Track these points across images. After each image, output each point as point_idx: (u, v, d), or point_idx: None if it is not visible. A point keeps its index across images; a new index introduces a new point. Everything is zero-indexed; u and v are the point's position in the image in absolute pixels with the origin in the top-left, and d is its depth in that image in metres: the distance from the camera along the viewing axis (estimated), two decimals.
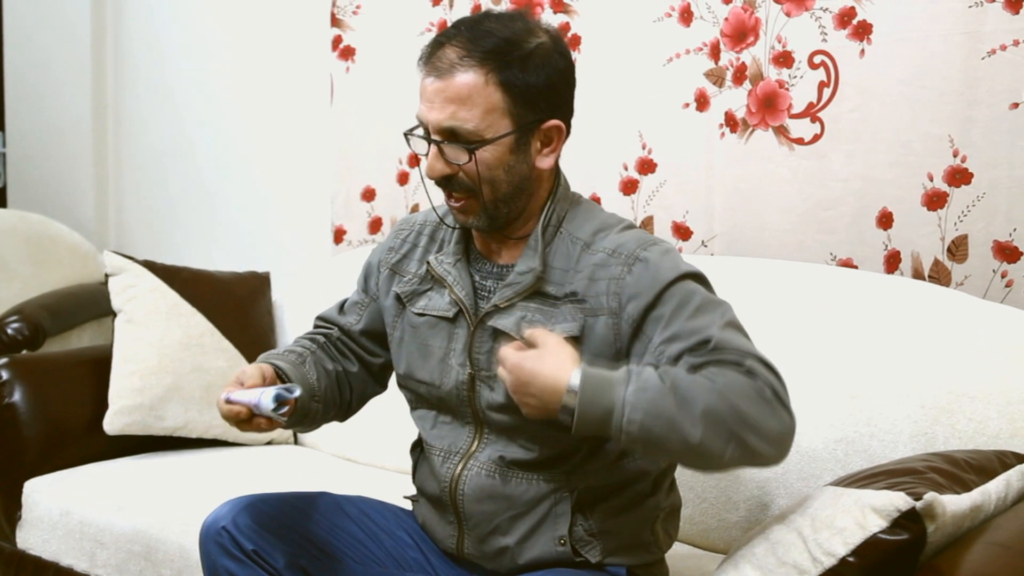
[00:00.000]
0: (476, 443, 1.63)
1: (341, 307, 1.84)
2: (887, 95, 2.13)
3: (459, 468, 1.62)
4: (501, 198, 1.56)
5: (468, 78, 1.50)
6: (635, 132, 2.50)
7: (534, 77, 1.52)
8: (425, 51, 1.56)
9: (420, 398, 1.71)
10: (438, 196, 1.64)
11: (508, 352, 1.46)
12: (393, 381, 1.81)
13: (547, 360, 1.43)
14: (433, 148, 1.55)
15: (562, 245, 1.59)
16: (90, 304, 3.22)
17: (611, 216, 1.64)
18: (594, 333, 1.53)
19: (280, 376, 1.68)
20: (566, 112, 1.60)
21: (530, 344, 1.46)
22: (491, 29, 1.53)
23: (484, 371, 1.60)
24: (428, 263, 1.68)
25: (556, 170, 1.63)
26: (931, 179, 2.10)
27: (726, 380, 1.40)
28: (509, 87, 1.51)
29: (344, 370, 1.79)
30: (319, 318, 1.87)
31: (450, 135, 1.53)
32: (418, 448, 1.77)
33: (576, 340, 1.53)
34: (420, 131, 1.58)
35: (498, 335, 1.58)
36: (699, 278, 1.54)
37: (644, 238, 1.57)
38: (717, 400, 1.37)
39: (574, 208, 1.63)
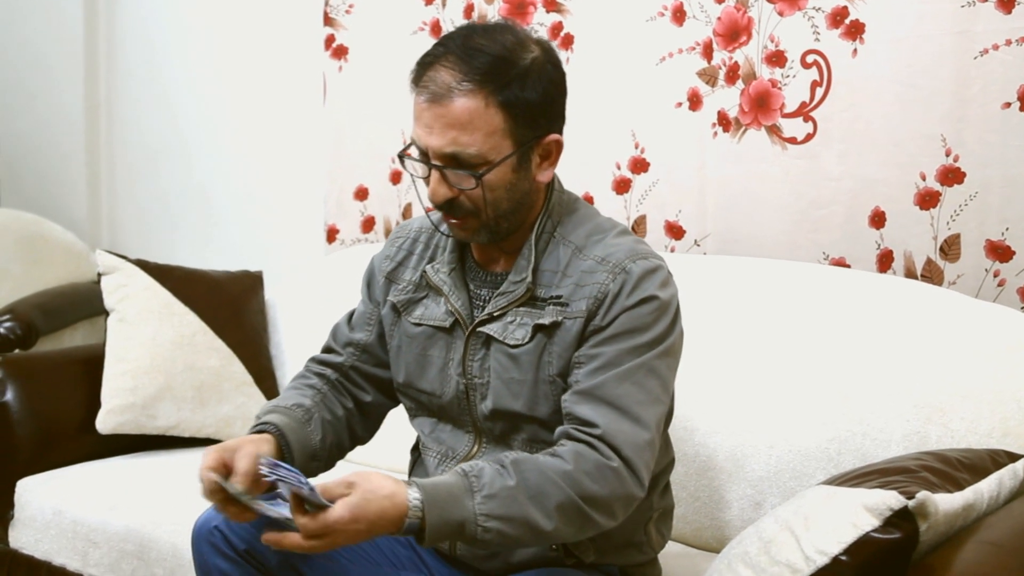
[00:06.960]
0: (475, 448, 1.64)
1: (350, 320, 1.79)
2: (880, 94, 2.14)
3: None
4: (502, 215, 1.54)
5: (468, 102, 1.46)
6: (628, 131, 2.50)
7: (532, 93, 1.49)
8: (415, 72, 1.51)
9: (421, 406, 1.71)
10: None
11: (329, 514, 1.34)
12: None
13: (372, 483, 1.37)
14: (435, 174, 1.51)
15: (555, 249, 1.58)
16: (82, 303, 3.21)
17: (606, 220, 1.63)
18: (567, 331, 1.53)
19: (280, 443, 1.57)
20: (562, 123, 1.57)
21: (340, 493, 1.36)
22: (482, 46, 1.48)
23: (477, 378, 1.60)
24: (424, 272, 1.67)
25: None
26: (923, 178, 2.10)
27: (585, 467, 1.43)
28: (509, 107, 1.47)
29: (357, 406, 1.76)
30: (330, 343, 1.79)
31: (452, 160, 1.49)
32: (418, 449, 1.77)
33: (547, 330, 1.54)
34: (415, 152, 1.54)
35: (490, 341, 1.58)
36: (663, 318, 1.52)
37: (635, 249, 1.56)
38: (569, 488, 1.42)
39: (569, 213, 1.62)
